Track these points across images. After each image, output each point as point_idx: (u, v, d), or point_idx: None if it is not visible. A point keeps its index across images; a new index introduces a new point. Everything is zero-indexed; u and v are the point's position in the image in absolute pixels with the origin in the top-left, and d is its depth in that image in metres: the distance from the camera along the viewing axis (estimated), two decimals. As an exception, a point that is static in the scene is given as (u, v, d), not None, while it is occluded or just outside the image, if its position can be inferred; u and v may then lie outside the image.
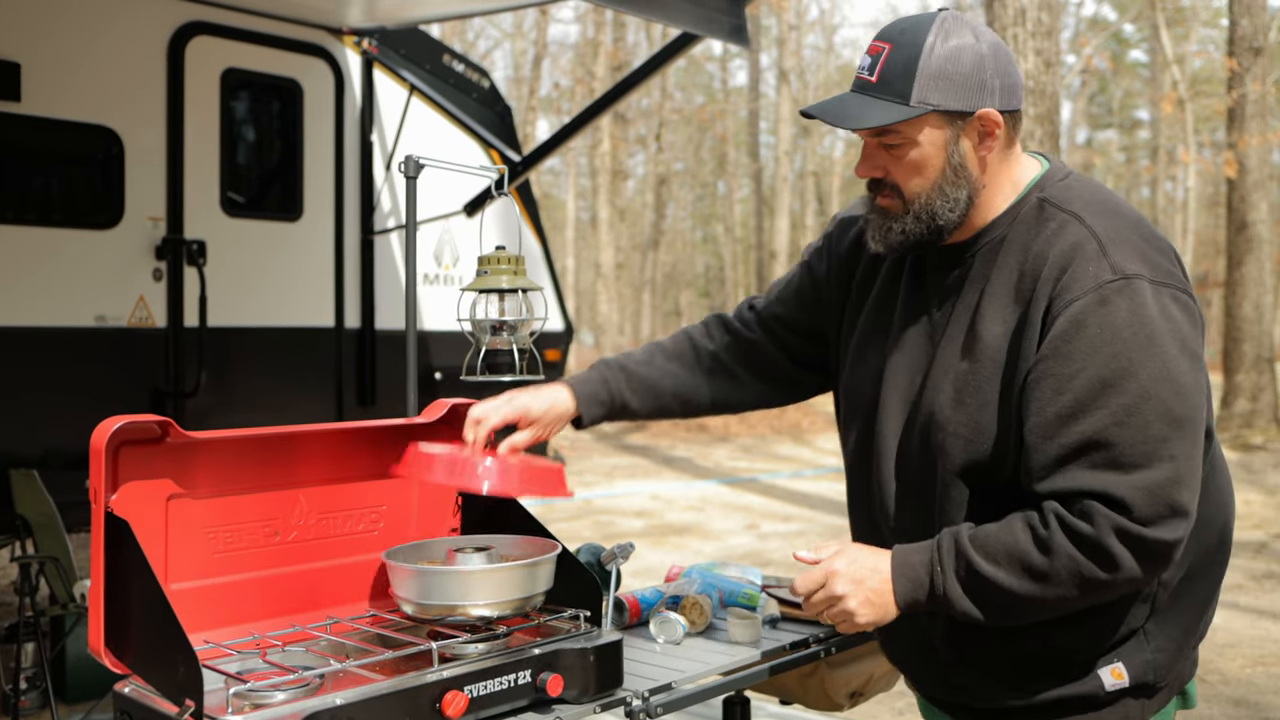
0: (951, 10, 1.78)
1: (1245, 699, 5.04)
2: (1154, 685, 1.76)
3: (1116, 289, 1.62)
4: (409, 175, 2.79)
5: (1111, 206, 1.74)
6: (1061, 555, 1.61)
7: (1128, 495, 1.58)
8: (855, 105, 1.76)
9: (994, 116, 1.74)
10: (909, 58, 1.72)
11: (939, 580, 1.68)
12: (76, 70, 4.79)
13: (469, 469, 1.89)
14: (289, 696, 1.65)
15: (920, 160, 1.76)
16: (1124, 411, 1.59)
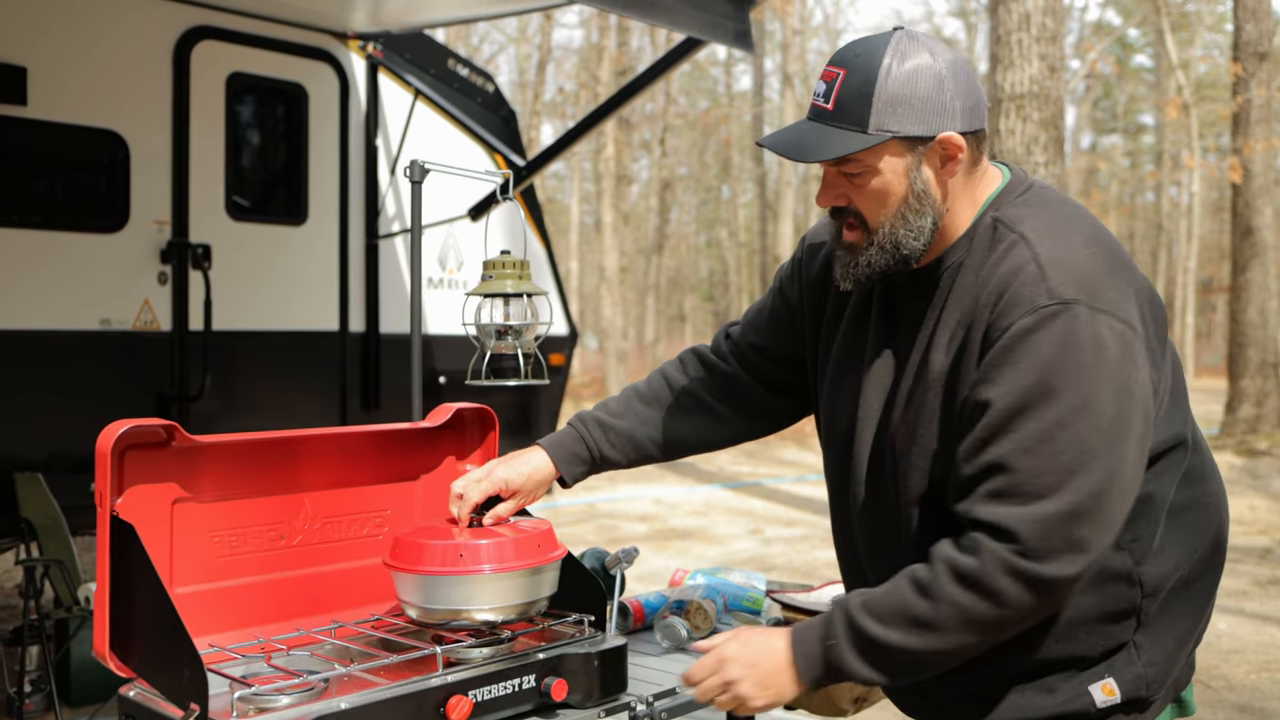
0: (907, 29, 1.72)
1: (1250, 705, 5.03)
2: (1147, 699, 1.72)
3: (1049, 314, 1.57)
4: (414, 180, 2.79)
5: (1065, 225, 1.68)
6: (944, 601, 1.58)
7: (1019, 527, 1.54)
8: (812, 136, 1.71)
9: (956, 140, 1.68)
10: (865, 82, 1.67)
11: (833, 654, 1.65)
12: (82, 74, 4.80)
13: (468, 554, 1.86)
14: (293, 700, 1.65)
15: (882, 188, 1.71)
16: (1033, 439, 1.55)
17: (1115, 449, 1.56)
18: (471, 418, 2.20)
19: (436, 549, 1.87)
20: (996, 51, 8.96)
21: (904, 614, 1.60)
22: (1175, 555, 1.70)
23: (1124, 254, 1.70)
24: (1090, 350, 1.55)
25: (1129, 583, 1.68)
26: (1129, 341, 1.58)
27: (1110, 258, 1.65)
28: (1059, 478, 1.54)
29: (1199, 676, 5.41)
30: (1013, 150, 8.71)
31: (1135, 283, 1.65)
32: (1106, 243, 1.68)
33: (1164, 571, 1.70)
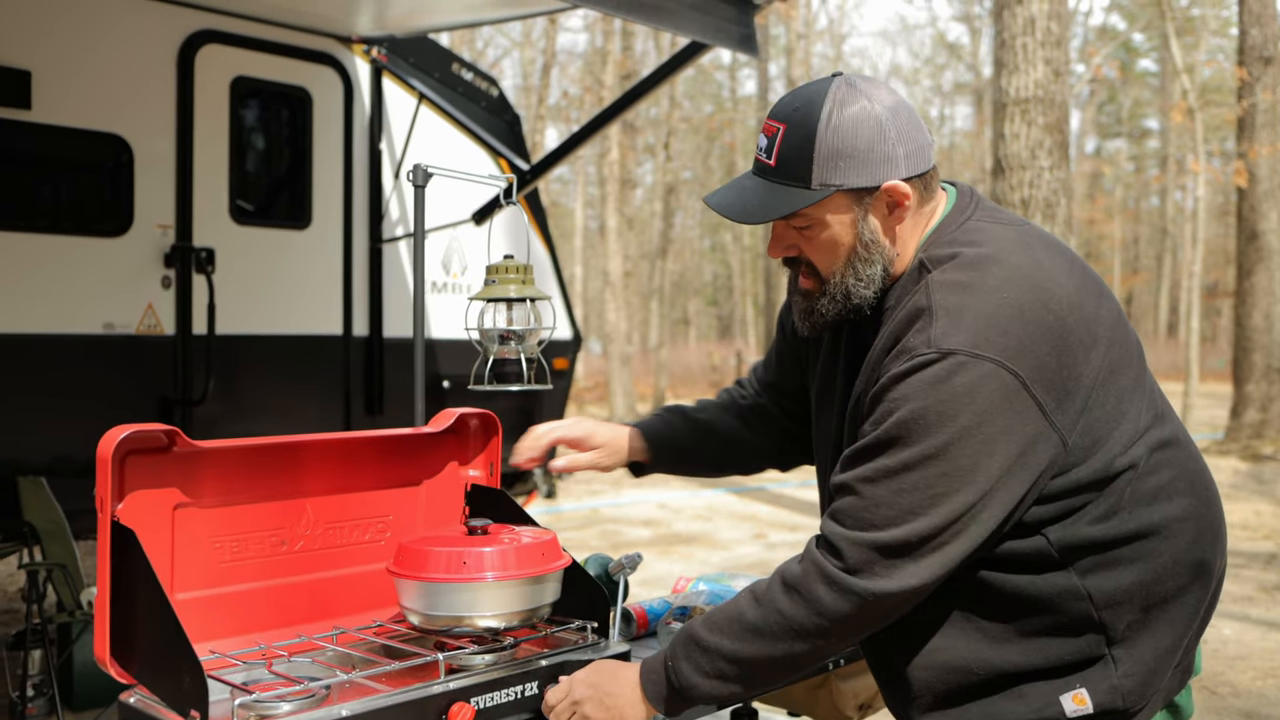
0: (846, 76, 1.72)
1: (1256, 711, 5.01)
2: (1125, 710, 1.69)
3: (924, 363, 1.59)
4: (417, 184, 2.78)
5: (980, 266, 1.65)
6: (770, 608, 1.64)
7: (843, 547, 1.61)
8: (755, 194, 1.72)
9: (900, 188, 1.69)
10: (804, 138, 1.67)
11: (673, 674, 1.72)
12: (86, 78, 4.80)
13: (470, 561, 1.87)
14: (295, 707, 1.64)
15: (830, 240, 1.72)
16: (881, 472, 1.60)
17: (966, 495, 1.57)
18: (475, 423, 2.19)
19: (439, 556, 1.86)
20: (1001, 56, 8.95)
21: (737, 621, 1.67)
22: (1134, 573, 1.67)
23: (1049, 293, 1.64)
24: (960, 399, 1.56)
25: (1075, 596, 1.66)
26: (1011, 391, 1.57)
27: (1020, 302, 1.61)
28: (897, 514, 1.58)
29: (1204, 682, 5.39)
30: (1017, 154, 8.70)
31: (1045, 329, 1.61)
32: (1025, 284, 1.63)
33: (1119, 587, 1.66)
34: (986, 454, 1.57)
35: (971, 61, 36.32)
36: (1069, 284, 1.68)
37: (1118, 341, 1.71)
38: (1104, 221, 38.14)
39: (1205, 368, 27.96)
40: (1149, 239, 42.29)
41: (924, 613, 1.71)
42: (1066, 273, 1.70)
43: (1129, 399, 1.69)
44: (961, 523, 1.58)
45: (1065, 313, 1.64)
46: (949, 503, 1.57)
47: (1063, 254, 1.75)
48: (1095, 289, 1.73)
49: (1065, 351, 1.62)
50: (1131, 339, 1.76)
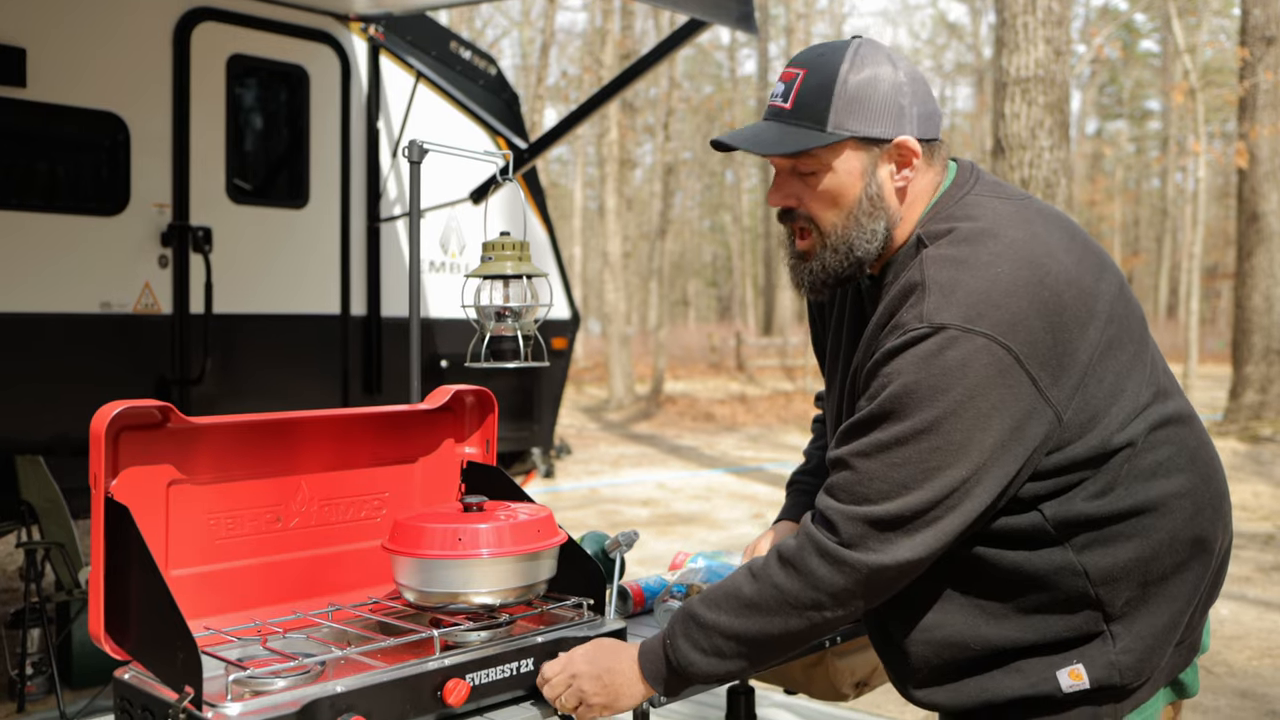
0: (867, 38, 1.75)
1: (1252, 691, 5.03)
2: (1123, 686, 1.68)
3: (916, 338, 1.59)
4: (413, 160, 2.77)
5: (975, 241, 1.66)
6: (767, 583, 1.66)
7: (838, 520, 1.62)
8: (769, 132, 1.73)
9: (911, 145, 1.71)
10: (824, 83, 1.69)
11: (671, 652, 1.73)
12: (82, 56, 4.77)
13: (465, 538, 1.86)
14: (289, 683, 1.64)
15: (835, 189, 1.72)
16: (875, 446, 1.61)
17: (959, 469, 1.58)
18: (470, 400, 2.18)
19: (435, 532, 1.86)
20: (1002, 35, 8.92)
21: (734, 597, 1.68)
22: (1131, 549, 1.66)
23: (1044, 268, 1.63)
24: (952, 373, 1.57)
25: (1071, 572, 1.66)
26: (1004, 366, 1.57)
27: (1013, 276, 1.61)
28: (890, 488, 1.59)
29: (1201, 661, 5.40)
30: (1018, 134, 8.67)
31: (1041, 304, 1.60)
32: (1020, 258, 1.63)
33: (1116, 563, 1.66)
34: (979, 429, 1.57)
35: (972, 41, 36.22)
36: (1067, 259, 1.67)
37: (1117, 317, 1.69)
38: (1104, 203, 38.09)
39: (1204, 349, 27.98)
40: (1149, 220, 42.23)
41: (923, 588, 1.71)
42: (1065, 247, 1.69)
43: (1128, 375, 1.68)
44: (955, 497, 1.59)
45: (1061, 288, 1.62)
46: (942, 477, 1.58)
47: (1063, 228, 1.74)
48: (1096, 263, 1.71)
49: (1060, 327, 1.61)
50: (1134, 314, 1.74)
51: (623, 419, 18.54)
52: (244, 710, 1.56)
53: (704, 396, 21.68)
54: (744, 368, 26.60)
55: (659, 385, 21.51)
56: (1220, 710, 4.77)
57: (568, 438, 14.05)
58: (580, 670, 1.78)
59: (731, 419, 18.38)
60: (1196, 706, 4.79)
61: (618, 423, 18.04)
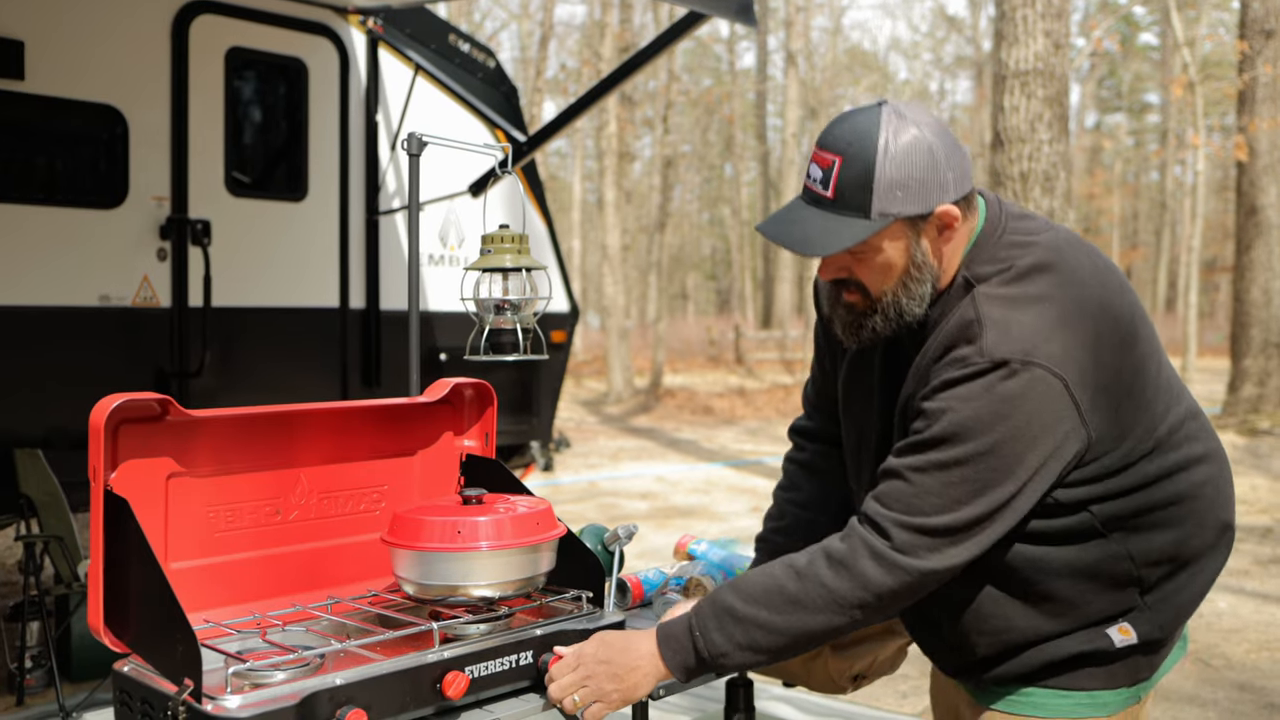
0: (892, 103, 1.78)
1: (1250, 684, 5.04)
2: (1162, 640, 1.87)
3: (977, 371, 1.70)
4: (412, 153, 2.77)
5: (1021, 280, 1.77)
6: (814, 581, 1.73)
7: (891, 529, 1.72)
8: (816, 225, 1.77)
9: (951, 211, 1.77)
10: (864, 170, 1.73)
11: (701, 643, 1.77)
12: (80, 48, 4.76)
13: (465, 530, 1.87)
14: (289, 676, 1.65)
15: (885, 263, 1.79)
16: (932, 464, 1.71)
17: (1009, 486, 1.70)
18: (470, 393, 2.18)
19: (434, 525, 1.86)
20: (1002, 28, 8.91)
21: (777, 594, 1.74)
22: (1169, 534, 1.83)
23: (1085, 299, 1.76)
24: (1011, 401, 1.68)
25: (1118, 558, 1.81)
26: (1056, 394, 1.69)
27: (1061, 311, 1.74)
28: (944, 503, 1.71)
29: (1199, 654, 5.42)
30: (1017, 127, 8.67)
31: (1084, 334, 1.73)
32: (1064, 293, 1.76)
33: (1156, 547, 1.83)
34: (1029, 449, 1.70)
35: (971, 35, 36.18)
36: (1098, 286, 1.79)
37: (1142, 335, 1.82)
38: (1103, 196, 38.08)
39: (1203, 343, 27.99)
40: (1148, 214, 42.22)
41: (974, 585, 1.83)
42: (1094, 275, 1.81)
43: (1154, 386, 1.81)
44: (1001, 510, 1.72)
45: (1099, 316, 1.77)
46: (992, 494, 1.70)
47: (1087, 253, 1.85)
48: (1118, 285, 1.84)
49: (1099, 353, 1.74)
50: (1150, 326, 1.87)
51: (622, 412, 18.54)
52: (243, 703, 1.56)
53: (703, 390, 21.69)
54: (743, 361, 26.61)
55: (658, 379, 21.52)
56: (1218, 703, 4.77)
57: (567, 431, 14.05)
58: (595, 670, 1.78)
59: (730, 412, 18.39)
60: (1194, 699, 4.81)
61: (617, 416, 18.04)
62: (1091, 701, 1.85)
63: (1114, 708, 1.87)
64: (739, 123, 32.53)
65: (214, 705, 1.55)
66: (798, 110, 26.53)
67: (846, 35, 34.96)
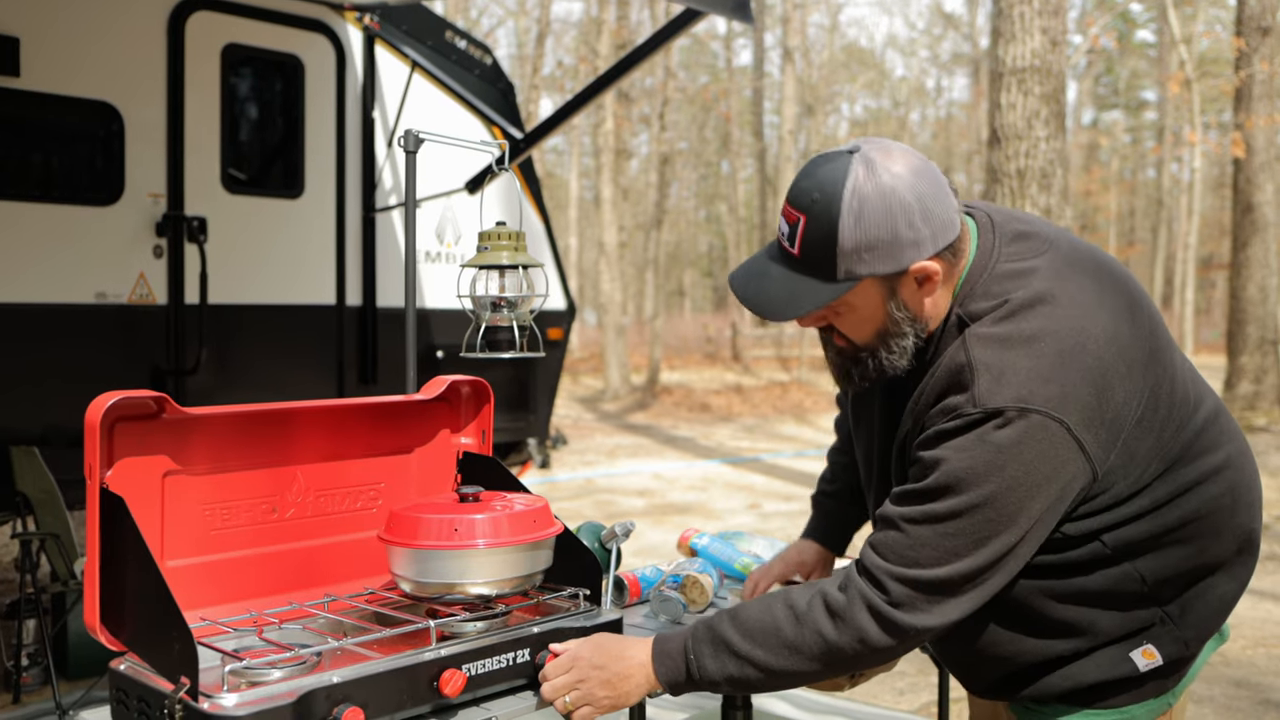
0: (863, 151, 1.67)
1: (1247, 680, 5.04)
2: (1188, 658, 1.81)
3: (973, 421, 1.63)
4: (408, 150, 2.76)
5: (1015, 319, 1.67)
6: (811, 629, 1.68)
7: (888, 583, 1.65)
8: (781, 286, 1.71)
9: (928, 268, 1.69)
10: (827, 232, 1.64)
11: (694, 666, 1.75)
12: (76, 45, 4.75)
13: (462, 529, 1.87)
14: (285, 674, 1.64)
15: (860, 319, 1.74)
16: (929, 516, 1.64)
17: (1009, 536, 1.64)
18: (467, 390, 2.18)
19: (431, 523, 1.85)
20: (998, 25, 8.90)
21: (774, 635, 1.70)
22: (1183, 552, 1.76)
23: (1085, 332, 1.66)
24: (1008, 451, 1.61)
25: (1130, 580, 1.75)
26: (1058, 439, 1.62)
27: (1058, 348, 1.64)
28: (941, 555, 1.64)
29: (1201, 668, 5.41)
30: (1014, 124, 8.66)
31: (1086, 369, 1.64)
32: (1062, 328, 1.66)
33: (1169, 565, 1.76)
34: (1031, 498, 1.63)
35: (969, 31, 36.18)
36: (1103, 313, 1.70)
37: (1156, 354, 1.74)
38: (1100, 193, 38.09)
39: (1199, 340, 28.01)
40: (1145, 211, 42.24)
41: (986, 616, 1.77)
42: (1099, 299, 1.71)
43: (1167, 406, 1.73)
44: (1002, 560, 1.66)
45: (1103, 349, 1.67)
46: (992, 545, 1.64)
47: (1092, 272, 1.75)
48: (1126, 305, 1.74)
49: (1105, 387, 1.66)
50: (1163, 337, 1.78)
51: (618, 409, 18.54)
52: (240, 701, 1.55)
53: (700, 387, 21.69)
54: (740, 358, 26.61)
55: (655, 376, 21.52)
56: (1215, 699, 4.78)
57: (564, 428, 14.05)
58: (588, 675, 1.77)
59: (727, 409, 18.39)
60: (1190, 695, 4.81)
61: (614, 413, 18.04)
62: (1122, 717, 1.82)
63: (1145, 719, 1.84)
64: (736, 120, 32.50)
65: (210, 703, 1.55)
66: (795, 107, 26.52)
67: (843, 32, 34.97)
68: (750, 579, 2.32)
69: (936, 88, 41.39)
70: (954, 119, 39.50)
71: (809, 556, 2.24)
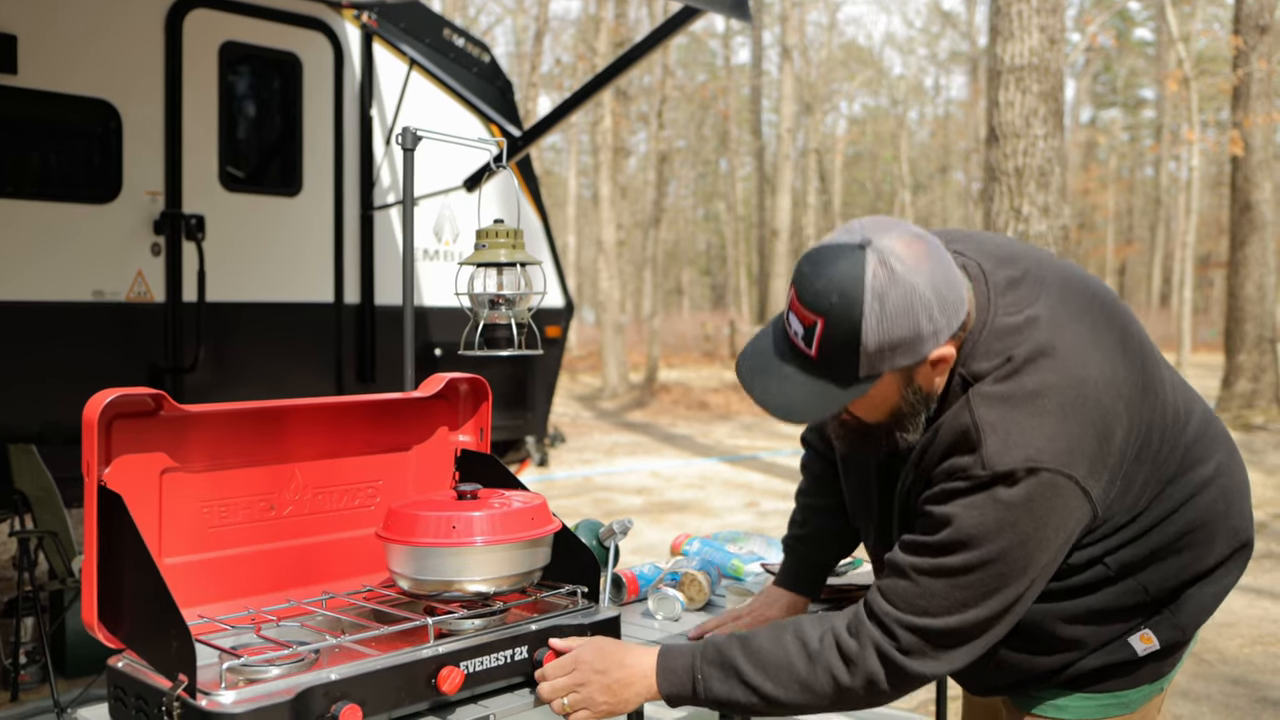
0: (877, 248, 1.61)
1: (1243, 678, 5.05)
2: (1183, 641, 1.88)
3: (982, 483, 1.64)
4: (406, 147, 2.76)
5: (1018, 376, 1.67)
6: (823, 669, 1.70)
7: (898, 630, 1.68)
8: (799, 388, 1.67)
9: (946, 353, 1.68)
10: (850, 336, 1.60)
11: (700, 686, 1.76)
12: (74, 43, 4.75)
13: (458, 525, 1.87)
14: (283, 671, 1.64)
15: (874, 404, 1.72)
16: (939, 570, 1.66)
17: (1018, 586, 1.67)
18: (465, 388, 2.18)
19: (429, 520, 1.86)
20: (996, 23, 8.90)
21: (785, 670, 1.72)
22: (1181, 561, 1.82)
23: (1084, 381, 1.67)
24: (1018, 509, 1.63)
25: (1132, 592, 1.81)
26: (1067, 493, 1.65)
27: (1060, 403, 1.65)
28: (950, 605, 1.66)
29: (1192, 649, 5.42)
30: (1011, 122, 8.67)
31: (1090, 419, 1.66)
32: (1063, 381, 1.67)
33: (1170, 574, 1.82)
34: (1040, 550, 1.66)
35: (966, 30, 36.17)
36: (1099, 355, 1.71)
37: (1148, 383, 1.76)
38: (1098, 191, 38.11)
39: (1197, 338, 28.04)
40: (1143, 209, 42.27)
41: (1000, 643, 1.78)
42: (1093, 340, 1.72)
43: (1160, 429, 1.77)
44: (1011, 608, 1.69)
45: (1102, 395, 1.69)
46: (1001, 595, 1.67)
47: (1085, 310, 1.76)
48: (1119, 333, 1.76)
49: (1107, 433, 1.68)
50: (1151, 360, 1.80)
51: (617, 407, 18.54)
52: (238, 698, 1.55)
53: (698, 385, 21.69)
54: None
55: (653, 374, 21.52)
56: (1211, 697, 4.79)
57: (562, 426, 14.05)
58: (589, 678, 1.77)
59: (725, 407, 18.39)
60: (1188, 694, 4.81)
61: (612, 411, 18.04)
62: (1117, 701, 1.87)
63: (1138, 704, 1.89)
64: (734, 118, 32.50)
65: (208, 701, 1.55)
66: (793, 105, 26.51)
67: (841, 30, 34.98)
68: (724, 618, 2.24)
69: (935, 86, 41.41)
70: (952, 117, 39.51)
71: (775, 612, 2.20)
